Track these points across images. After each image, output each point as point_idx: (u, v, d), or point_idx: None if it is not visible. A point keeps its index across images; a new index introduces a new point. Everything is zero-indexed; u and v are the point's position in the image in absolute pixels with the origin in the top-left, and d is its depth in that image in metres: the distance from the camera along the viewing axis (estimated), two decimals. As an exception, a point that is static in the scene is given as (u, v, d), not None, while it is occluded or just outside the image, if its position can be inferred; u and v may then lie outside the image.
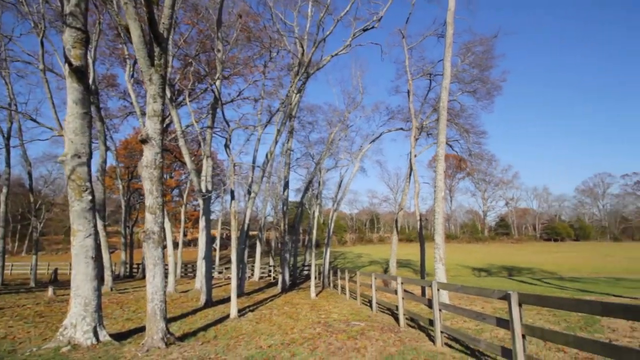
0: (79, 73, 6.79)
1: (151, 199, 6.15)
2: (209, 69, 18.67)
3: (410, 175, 17.66)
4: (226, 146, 10.11)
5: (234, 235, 9.42)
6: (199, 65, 19.18)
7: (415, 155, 18.14)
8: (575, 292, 15.47)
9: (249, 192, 17.63)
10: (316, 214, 17.09)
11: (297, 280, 26.49)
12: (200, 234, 15.13)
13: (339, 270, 16.85)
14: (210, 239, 14.44)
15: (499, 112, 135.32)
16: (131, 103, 20.70)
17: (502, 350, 4.25)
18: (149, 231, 6.12)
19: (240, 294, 16.15)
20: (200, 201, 13.90)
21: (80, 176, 6.66)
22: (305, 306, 12.27)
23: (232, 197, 10.16)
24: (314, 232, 15.98)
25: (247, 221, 17.11)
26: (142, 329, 7.23)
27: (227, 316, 9.84)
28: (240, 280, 16.85)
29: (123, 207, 32.68)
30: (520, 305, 3.86)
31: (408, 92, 15.39)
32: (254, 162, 19.73)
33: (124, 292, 16.97)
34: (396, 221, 18.91)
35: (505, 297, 4.02)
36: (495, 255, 55.82)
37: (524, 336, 3.82)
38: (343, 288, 16.64)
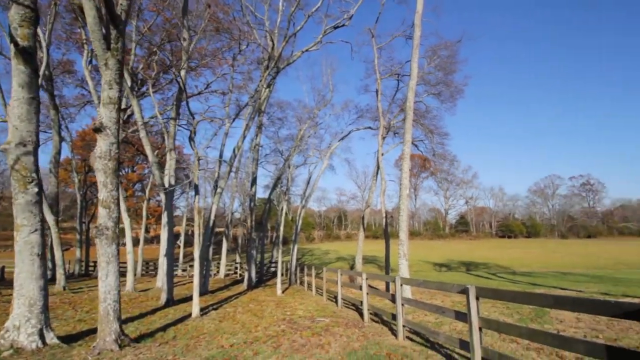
0: (26, 54, 6.20)
1: (105, 192, 5.75)
2: (175, 59, 17.87)
3: (377, 173, 17.98)
4: (191, 139, 9.71)
5: (197, 232, 9.08)
6: (163, 54, 18.30)
7: (382, 154, 18.48)
8: (526, 286, 16.53)
9: (215, 188, 17.13)
10: (284, 210, 16.95)
11: (264, 278, 26.21)
12: (162, 230, 14.49)
13: (306, 267, 16.85)
14: (173, 236, 13.87)
15: (461, 114, 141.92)
16: (89, 91, 19.38)
17: (460, 343, 4.41)
18: (102, 226, 5.73)
19: (203, 292, 15.69)
20: (163, 196, 13.29)
21: (26, 166, 6.10)
22: (270, 303, 12.15)
23: (196, 192, 9.79)
24: (282, 228, 15.85)
25: (212, 217, 16.62)
26: (94, 331, 6.78)
27: (189, 315, 9.51)
28: (204, 277, 16.37)
29: (79, 201, 30.60)
30: (477, 298, 4.02)
31: (377, 91, 15.63)
32: (220, 156, 19.19)
33: (77, 292, 15.94)
34: (363, 218, 19.21)
35: (464, 291, 4.17)
36: (455, 251, 58.54)
37: (480, 329, 3.99)
38: (310, 285, 16.67)
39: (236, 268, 30.34)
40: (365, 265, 43.47)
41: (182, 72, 13.02)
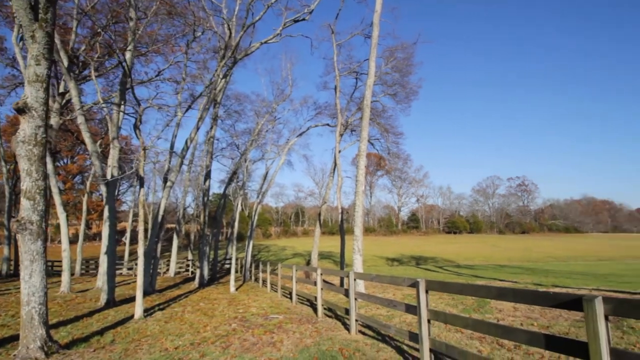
0: None
1: (29, 182, 5.06)
2: (121, 42, 16.47)
3: (334, 169, 18.10)
4: (136, 127, 8.94)
5: (141, 227, 8.42)
6: (108, 35, 16.76)
7: (339, 151, 18.63)
8: (469, 278, 17.67)
9: (165, 181, 16.13)
10: (239, 205, 16.44)
11: (218, 275, 25.37)
12: (104, 226, 13.34)
13: (261, 263, 16.53)
14: (116, 232, 12.81)
15: (414, 115, 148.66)
16: (20, 71, 17.22)
17: (409, 335, 4.50)
18: (24, 220, 5.04)
19: (150, 291, 14.76)
20: (104, 188, 12.21)
21: None
22: (223, 301, 11.73)
23: (141, 184, 9.06)
24: (236, 224, 15.35)
25: (161, 212, 15.64)
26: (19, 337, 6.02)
27: (131, 317, 8.83)
28: (152, 276, 15.40)
29: (7, 194, 27.22)
30: (427, 291, 4.12)
31: (335, 88, 15.67)
32: (172, 148, 18.11)
33: (4, 294, 14.25)
34: (319, 214, 19.26)
35: (414, 285, 4.24)
36: (406, 247, 61.21)
37: (429, 321, 4.09)
38: (264, 281, 16.38)
39: (188, 265, 29.06)
40: (322, 260, 43.96)
41: (128, 55, 12.01)
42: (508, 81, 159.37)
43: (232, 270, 14.60)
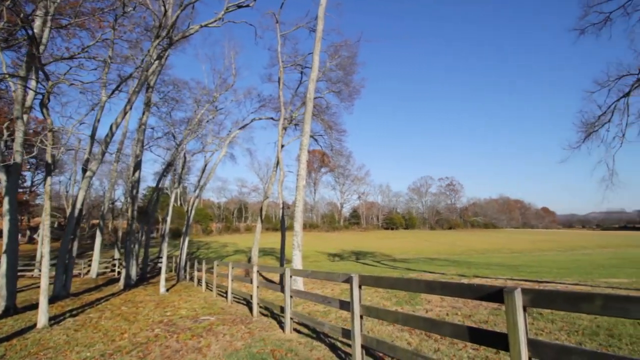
0: None
1: None
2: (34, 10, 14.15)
3: (277, 164, 17.73)
4: (43, 105, 7.63)
5: (46, 222, 7.25)
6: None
7: (283, 145, 18.29)
8: (403, 271, 18.61)
9: (84, 171, 14.31)
10: (172, 199, 15.23)
11: (148, 275, 23.48)
12: (3, 221, 11.37)
13: (197, 261, 15.57)
14: (17, 228, 10.99)
15: (357, 113, 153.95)
16: None
17: (342, 332, 4.43)
18: None
19: (64, 295, 13.04)
20: (3, 176, 10.36)
21: None
22: (150, 304, 10.75)
23: (48, 172, 7.79)
24: (169, 219, 14.18)
25: (78, 206, 13.84)
26: None
27: (34, 326, 7.62)
28: (66, 278, 13.59)
29: None
30: (360, 287, 4.06)
31: (279, 80, 15.26)
32: (93, 134, 16.17)
33: None
34: (261, 210, 18.75)
35: (348, 280, 4.16)
36: (347, 242, 62.96)
37: (361, 316, 4.04)
38: (200, 280, 15.48)
39: (114, 265, 26.41)
40: (264, 257, 43.18)
41: (37, 22, 10.33)
42: (435, 80, 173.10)
43: (163, 270, 13.50)
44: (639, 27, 13.99)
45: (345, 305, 4.32)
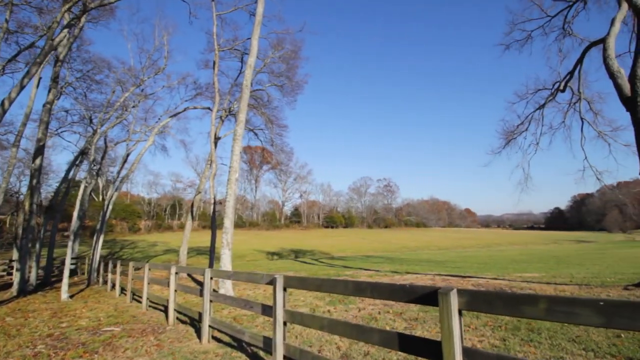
0: None
1: None
2: None
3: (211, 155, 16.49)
4: None
5: None
6: None
7: (219, 138, 17.12)
8: (340, 269, 18.64)
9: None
10: (81, 191, 13.19)
11: (54, 279, 20.38)
12: None
13: (111, 263, 13.74)
14: None
15: (301, 113, 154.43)
16: None
17: (264, 341, 3.88)
18: None
19: None
20: None
21: None
22: (45, 313, 9.07)
23: None
24: (75, 214, 12.21)
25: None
26: None
27: None
28: None
29: None
30: (285, 289, 3.55)
31: (214, 63, 14.10)
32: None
33: None
34: (192, 205, 17.31)
35: (272, 282, 3.63)
36: (287, 241, 62.42)
37: (285, 323, 3.53)
38: (114, 284, 13.68)
39: (12, 267, 22.46)
40: (197, 257, 40.68)
41: None
42: (375, 81, 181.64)
43: (66, 273, 11.61)
44: (554, 46, 15.70)
45: (268, 311, 3.77)
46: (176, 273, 6.76)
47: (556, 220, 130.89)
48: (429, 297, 2.15)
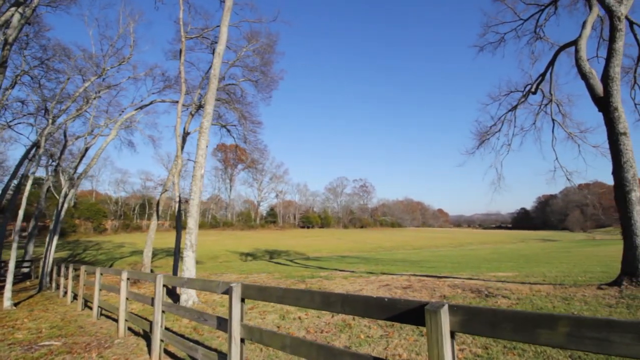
0: None
1: None
2: None
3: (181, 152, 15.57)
4: None
5: None
6: None
7: (188, 133, 16.22)
8: (315, 270, 18.18)
9: None
10: (28, 186, 11.93)
11: (1, 284, 18.64)
12: None
13: (64, 266, 12.57)
14: None
15: (278, 112, 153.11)
16: None
17: (218, 358, 3.31)
18: None
19: None
20: None
21: None
22: (-22, 325, 7.99)
23: None
24: (21, 212, 10.97)
25: None
26: None
27: None
28: None
29: None
30: (243, 300, 3.02)
31: (180, 51, 13.22)
32: None
33: None
34: (158, 204, 16.26)
35: (227, 291, 3.08)
36: (262, 241, 61.26)
37: (242, 340, 3.00)
38: (67, 289, 12.53)
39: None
40: (167, 259, 38.93)
41: None
42: (352, 81, 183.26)
43: (9, 278, 10.43)
44: (526, 49, 15.96)
45: (224, 325, 3.22)
46: (128, 279, 6.03)
47: (522, 220, 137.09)
48: (414, 314, 1.71)
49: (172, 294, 10.17)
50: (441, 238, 76.05)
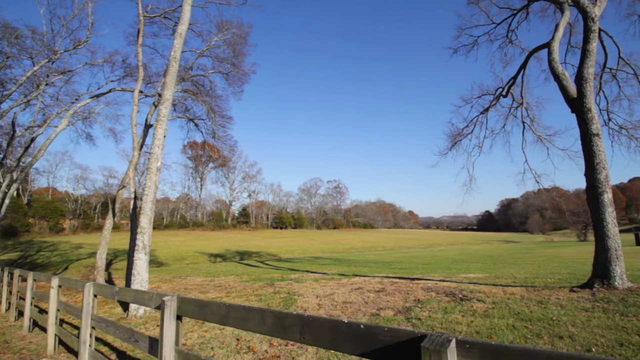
0: None
1: None
2: None
3: (141, 145, 14.40)
4: None
5: None
6: None
7: (150, 125, 15.05)
8: (286, 271, 17.52)
9: None
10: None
11: None
12: None
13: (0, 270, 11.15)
14: None
15: (252, 110, 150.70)
16: None
17: (150, 392, 2.64)
18: None
19: None
20: None
21: None
22: None
23: None
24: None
25: None
26: None
27: None
28: None
29: None
30: (179, 317, 2.37)
31: (138, 31, 12.07)
32: None
33: None
34: (114, 201, 14.97)
35: (160, 306, 2.42)
36: (233, 242, 59.55)
37: (177, 368, 2.34)
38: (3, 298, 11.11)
39: None
40: (123, 262, 36.72)
41: None
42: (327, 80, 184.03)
43: None
44: (498, 53, 16.19)
45: (155, 348, 2.55)
46: (59, 286, 5.14)
47: (486, 222, 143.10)
48: (403, 352, 1.16)
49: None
50: (412, 239, 77.45)
